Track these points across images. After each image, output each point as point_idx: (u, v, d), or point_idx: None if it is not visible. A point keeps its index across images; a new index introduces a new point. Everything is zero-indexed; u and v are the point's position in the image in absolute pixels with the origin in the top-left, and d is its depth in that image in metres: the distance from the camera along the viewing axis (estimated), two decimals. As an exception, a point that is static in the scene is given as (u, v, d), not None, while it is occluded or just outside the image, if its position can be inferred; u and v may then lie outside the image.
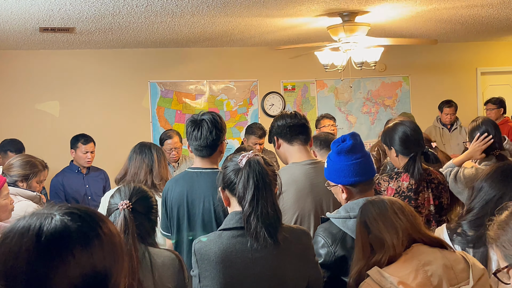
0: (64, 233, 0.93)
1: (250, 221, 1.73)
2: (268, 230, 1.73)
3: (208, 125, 2.42)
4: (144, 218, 1.94)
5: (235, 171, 1.80)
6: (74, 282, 0.90)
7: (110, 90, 6.03)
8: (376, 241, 1.71)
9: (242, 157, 1.80)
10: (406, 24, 5.28)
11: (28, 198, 3.16)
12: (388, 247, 1.68)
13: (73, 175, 4.72)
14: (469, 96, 7.20)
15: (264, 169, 1.78)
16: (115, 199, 1.95)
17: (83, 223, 0.96)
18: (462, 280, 1.63)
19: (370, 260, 1.71)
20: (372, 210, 1.76)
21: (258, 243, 1.73)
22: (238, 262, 1.72)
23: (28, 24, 4.41)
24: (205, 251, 1.75)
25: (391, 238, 1.69)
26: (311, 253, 1.84)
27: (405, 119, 3.71)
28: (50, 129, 5.82)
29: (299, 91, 6.71)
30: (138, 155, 3.04)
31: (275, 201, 1.80)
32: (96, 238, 0.95)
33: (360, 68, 4.88)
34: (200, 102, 6.35)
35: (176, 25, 4.76)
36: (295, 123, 2.60)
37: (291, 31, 5.35)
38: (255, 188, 1.74)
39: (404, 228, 1.71)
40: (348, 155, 2.04)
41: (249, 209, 1.73)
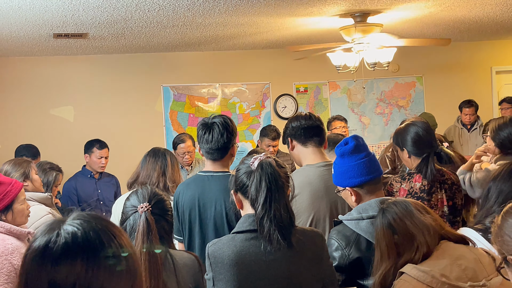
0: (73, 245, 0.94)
1: (263, 223, 1.72)
2: (281, 232, 1.72)
3: (219, 128, 2.43)
4: (163, 220, 1.96)
5: (247, 174, 1.80)
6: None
7: (123, 94, 6.07)
8: (404, 241, 1.69)
9: (254, 159, 1.79)
10: (419, 24, 5.24)
11: (40, 200, 3.19)
12: (421, 244, 1.67)
13: (86, 180, 4.75)
14: (484, 95, 7.11)
15: (276, 171, 1.78)
16: (132, 201, 1.95)
17: (95, 237, 0.96)
18: (491, 272, 1.63)
19: (398, 260, 1.69)
20: (397, 210, 1.75)
21: (272, 246, 1.72)
22: (252, 265, 1.72)
23: (42, 31, 4.46)
24: (218, 254, 1.75)
25: (423, 235, 1.67)
26: (325, 255, 1.83)
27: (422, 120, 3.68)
28: (64, 134, 5.88)
29: (312, 93, 6.69)
30: (152, 158, 3.07)
31: (288, 203, 1.79)
32: (104, 257, 0.95)
33: (373, 69, 4.85)
34: (212, 106, 6.36)
35: (188, 28, 4.78)
36: (309, 124, 2.59)
37: (302, 33, 5.34)
38: (267, 190, 1.73)
39: (433, 225, 1.70)
40: (352, 156, 2.03)
41: (262, 211, 1.73)
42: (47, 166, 3.85)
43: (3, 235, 2.38)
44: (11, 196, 2.46)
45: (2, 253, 2.28)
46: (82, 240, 0.94)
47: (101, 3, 3.68)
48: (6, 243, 2.32)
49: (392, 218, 1.74)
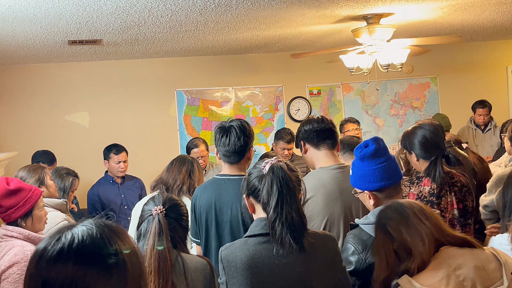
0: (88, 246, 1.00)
1: (275, 227, 1.72)
2: (293, 236, 1.72)
3: (236, 132, 2.44)
4: (176, 224, 2.02)
5: (259, 178, 1.81)
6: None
7: (137, 99, 6.12)
8: (402, 249, 1.65)
9: (265, 163, 1.80)
10: (432, 25, 5.20)
11: (56, 206, 3.22)
12: (416, 255, 1.62)
13: (108, 186, 4.77)
14: (500, 95, 7.03)
15: (288, 174, 1.78)
16: (149, 206, 2.04)
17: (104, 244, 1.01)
18: (496, 279, 1.58)
19: (397, 268, 1.65)
20: (392, 216, 1.70)
21: (284, 249, 1.73)
22: (264, 268, 1.72)
23: (57, 38, 4.51)
24: (231, 258, 1.76)
25: (417, 246, 1.63)
26: (337, 259, 1.83)
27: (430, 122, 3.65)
28: (80, 140, 5.93)
29: (325, 95, 6.67)
30: (178, 162, 3.18)
31: (300, 206, 1.79)
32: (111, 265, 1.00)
33: (386, 71, 4.82)
34: (226, 109, 6.38)
35: (201, 33, 4.80)
36: (322, 127, 2.59)
37: (314, 35, 5.33)
38: (279, 194, 1.74)
39: (429, 233, 1.65)
40: (372, 160, 2.01)
41: (273, 215, 1.73)
42: (64, 172, 3.90)
43: (21, 241, 2.41)
44: (31, 202, 2.50)
45: (22, 260, 2.31)
46: (77, 245, 1.00)
47: (114, 10, 3.71)
48: (25, 249, 2.35)
49: (388, 224, 1.70)
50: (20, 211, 2.47)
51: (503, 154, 4.50)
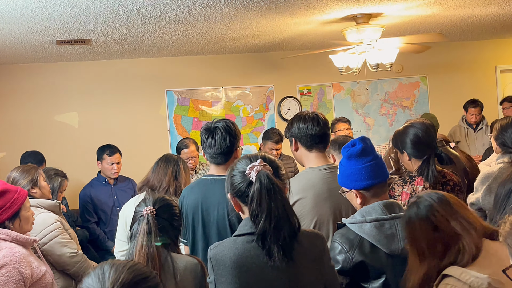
0: None
1: (265, 242, 1.69)
2: (283, 250, 1.69)
3: (222, 132, 2.43)
4: (167, 224, 2.02)
5: (245, 183, 1.76)
6: None
7: (127, 99, 6.09)
8: (448, 239, 1.54)
9: (250, 169, 1.75)
10: (422, 24, 5.22)
11: (49, 207, 3.20)
12: (469, 245, 1.52)
13: (101, 187, 4.73)
14: (489, 94, 7.08)
15: (275, 184, 1.72)
16: (141, 207, 2.04)
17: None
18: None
19: (441, 261, 1.55)
20: (435, 203, 1.59)
21: (271, 261, 1.69)
22: (253, 267, 1.71)
23: (45, 38, 4.48)
24: (220, 257, 1.75)
25: (470, 234, 1.53)
26: (326, 257, 1.82)
27: (421, 121, 3.67)
28: (70, 140, 5.90)
29: (316, 95, 6.68)
30: (163, 163, 3.10)
31: (291, 216, 1.73)
32: None
33: (375, 70, 4.84)
34: (216, 109, 6.37)
35: (190, 33, 4.79)
36: (316, 131, 2.54)
37: (305, 35, 5.34)
38: (268, 209, 1.68)
39: (478, 223, 1.56)
40: (359, 159, 2.01)
41: (262, 228, 1.69)
42: (52, 172, 3.87)
43: (9, 243, 2.39)
44: (18, 203, 2.48)
45: (11, 262, 2.29)
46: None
47: (102, 10, 3.69)
48: (14, 251, 2.34)
49: (430, 212, 1.59)
50: (7, 213, 2.45)
51: (492, 153, 4.54)
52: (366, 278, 1.93)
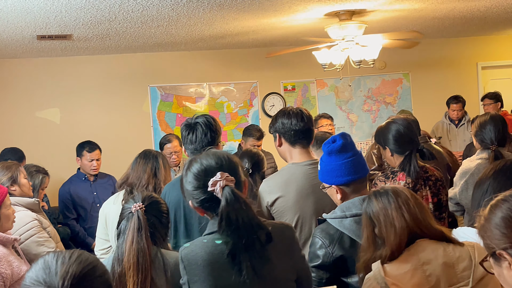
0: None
1: (234, 260, 1.66)
2: (253, 267, 1.66)
3: (202, 128, 2.42)
4: (156, 221, 2.03)
5: (208, 196, 1.70)
6: None
7: (110, 95, 6.04)
8: (381, 236, 1.73)
9: (212, 185, 1.67)
10: (404, 21, 5.26)
11: (27, 205, 3.16)
12: (388, 245, 1.69)
13: (80, 183, 4.69)
14: (470, 91, 7.16)
15: (242, 200, 1.67)
16: (129, 204, 2.04)
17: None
18: (463, 279, 1.60)
19: (376, 252, 1.72)
20: (376, 204, 1.77)
21: (242, 277, 1.66)
22: (225, 263, 1.69)
23: (25, 32, 4.42)
24: (192, 257, 1.73)
25: (390, 237, 1.69)
26: (296, 247, 1.81)
27: (404, 117, 3.70)
28: (51, 137, 5.83)
29: (299, 91, 6.69)
30: (142, 159, 3.04)
31: (260, 229, 1.68)
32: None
33: (358, 67, 4.86)
34: (200, 105, 6.35)
35: (173, 28, 4.76)
36: (300, 127, 2.54)
37: (288, 32, 5.34)
38: (236, 226, 1.64)
39: (405, 226, 1.69)
40: (339, 155, 2.03)
41: (232, 248, 1.66)
42: (33, 169, 3.83)
43: (-11, 242, 2.36)
44: (-2, 201, 2.44)
45: None
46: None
47: (84, 4, 3.65)
48: None
49: (371, 211, 1.77)
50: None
51: (473, 148, 4.60)
52: (346, 272, 1.94)
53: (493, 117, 3.22)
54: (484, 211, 1.34)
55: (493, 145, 3.09)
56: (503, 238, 1.27)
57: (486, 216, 1.33)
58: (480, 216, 1.35)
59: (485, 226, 1.32)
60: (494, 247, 1.29)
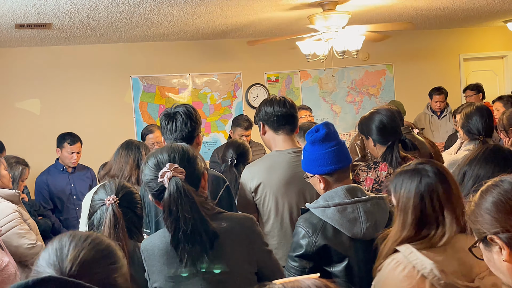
0: None
1: (177, 251, 1.66)
2: (193, 260, 1.65)
3: (182, 118, 2.39)
4: (131, 213, 1.95)
5: (161, 189, 1.69)
6: None
7: (91, 86, 5.95)
8: (431, 218, 1.60)
9: (161, 176, 1.67)
10: (387, 11, 5.27)
11: (7, 197, 3.11)
12: (450, 229, 1.57)
13: (58, 174, 4.65)
14: (453, 82, 7.21)
15: (187, 193, 1.65)
16: (99, 195, 1.94)
17: None
18: (484, 268, 1.55)
19: (418, 235, 1.60)
20: (434, 181, 1.63)
21: (185, 268, 1.66)
22: (175, 254, 1.69)
23: (3, 21, 4.32)
24: (150, 247, 1.73)
25: (451, 219, 1.58)
26: (256, 238, 1.79)
27: (388, 107, 3.70)
28: (31, 128, 5.73)
29: (283, 82, 6.68)
30: (124, 150, 3.00)
31: (205, 225, 1.66)
32: None
33: (342, 57, 4.86)
34: (183, 96, 6.30)
35: (155, 18, 4.70)
36: (283, 112, 2.55)
37: (272, 22, 5.31)
38: (176, 220, 1.63)
39: (459, 213, 1.60)
40: (322, 144, 2.02)
41: (173, 240, 1.66)
42: (13, 161, 3.76)
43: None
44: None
45: None
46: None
47: (63, -8, 3.58)
48: None
49: (428, 188, 1.63)
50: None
51: (455, 139, 4.63)
52: (329, 262, 1.94)
53: (479, 107, 3.23)
54: (474, 197, 1.34)
55: (480, 136, 3.09)
56: (494, 223, 1.26)
57: (477, 201, 1.32)
58: (470, 202, 1.35)
59: (475, 211, 1.32)
60: (485, 232, 1.28)
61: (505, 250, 1.25)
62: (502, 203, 1.27)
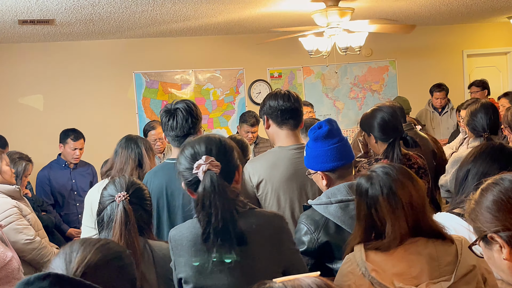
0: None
1: (207, 244, 1.65)
2: (220, 253, 1.64)
3: (183, 114, 2.38)
4: (141, 209, 1.92)
5: (194, 179, 1.69)
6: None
7: (94, 82, 5.96)
8: (380, 227, 1.60)
9: (196, 168, 1.67)
10: (391, 7, 5.25)
11: (8, 193, 3.12)
12: (394, 238, 1.57)
13: (60, 170, 4.66)
14: (456, 78, 7.20)
15: (221, 188, 1.64)
16: (109, 191, 1.91)
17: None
18: (446, 274, 1.55)
19: (370, 238, 1.62)
20: (378, 187, 1.62)
21: (210, 260, 1.66)
22: (204, 246, 1.67)
23: (7, 17, 4.33)
24: (178, 237, 1.72)
25: (395, 231, 1.57)
26: (285, 238, 1.77)
27: (390, 104, 3.70)
28: (34, 124, 5.75)
29: (286, 78, 6.67)
30: (124, 149, 2.95)
31: (234, 221, 1.66)
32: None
33: (344, 53, 4.85)
34: (186, 92, 6.30)
35: (158, 14, 4.70)
36: (287, 107, 2.52)
37: (275, 18, 5.30)
38: (208, 214, 1.63)
39: (407, 226, 1.58)
40: (325, 141, 2.02)
41: (204, 232, 1.64)
42: (17, 156, 3.77)
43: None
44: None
45: None
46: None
47: (66, -12, 3.58)
48: None
49: (375, 195, 1.62)
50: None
51: (457, 136, 4.63)
52: (331, 258, 1.94)
53: (484, 104, 3.21)
54: (475, 195, 1.33)
55: (485, 133, 3.08)
56: (494, 221, 1.26)
57: (477, 199, 1.32)
58: (470, 200, 1.34)
59: (476, 209, 1.31)
60: (486, 231, 1.28)
61: (506, 249, 1.24)
62: (503, 201, 1.27)
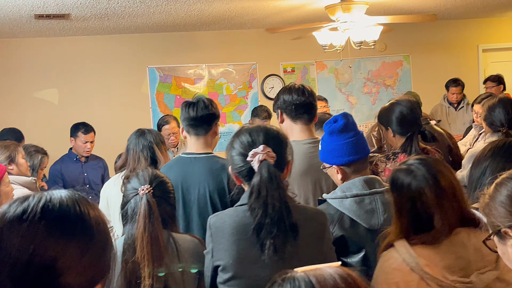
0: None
1: (259, 235, 1.64)
2: (275, 247, 1.63)
3: (204, 102, 2.44)
4: (164, 202, 1.92)
5: (246, 168, 1.70)
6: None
7: (108, 76, 6.00)
8: (424, 221, 1.59)
9: (252, 156, 1.67)
10: (405, 1, 5.21)
11: (24, 184, 3.16)
12: (443, 230, 1.57)
13: (72, 163, 4.72)
14: (471, 73, 7.13)
15: (277, 179, 1.65)
16: (133, 184, 1.92)
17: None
18: (489, 264, 1.55)
19: (413, 233, 1.60)
20: (428, 191, 1.60)
21: (263, 255, 1.64)
22: (250, 236, 1.67)
23: (23, 12, 4.37)
24: (219, 224, 1.71)
25: (444, 223, 1.57)
26: (326, 235, 1.78)
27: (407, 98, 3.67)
28: (49, 117, 5.81)
29: (299, 73, 6.66)
30: (136, 146, 2.87)
31: (289, 212, 1.66)
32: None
33: (359, 48, 4.82)
34: (199, 87, 6.31)
35: (173, 9, 4.71)
36: (301, 101, 2.52)
37: (289, 13, 5.29)
38: (264, 203, 1.63)
39: (452, 211, 1.59)
40: (341, 135, 2.01)
41: (258, 222, 1.64)
42: (32, 149, 3.82)
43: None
44: (-4, 178, 2.44)
45: None
46: (43, 204, 0.97)
47: (82, -17, 3.61)
48: None
49: (420, 186, 1.61)
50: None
51: (470, 131, 4.59)
52: (346, 252, 1.94)
53: (502, 99, 3.18)
54: (489, 190, 1.32)
55: (503, 128, 3.05)
56: (508, 216, 1.25)
57: (491, 194, 1.31)
58: (484, 194, 1.33)
59: (490, 204, 1.30)
60: (499, 225, 1.27)
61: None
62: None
